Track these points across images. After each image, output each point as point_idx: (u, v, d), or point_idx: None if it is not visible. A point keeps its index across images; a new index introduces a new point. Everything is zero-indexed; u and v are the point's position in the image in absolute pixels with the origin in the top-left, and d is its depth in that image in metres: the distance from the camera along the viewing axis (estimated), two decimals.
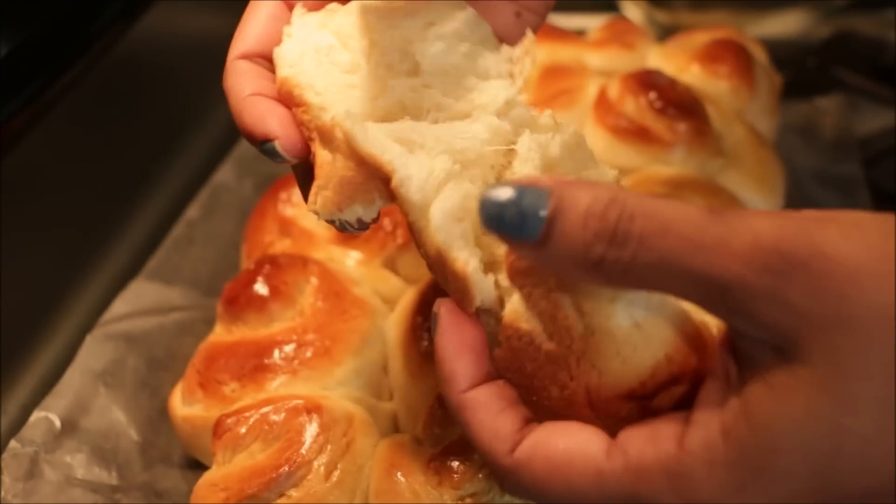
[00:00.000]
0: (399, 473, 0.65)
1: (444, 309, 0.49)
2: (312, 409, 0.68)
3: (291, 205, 0.86)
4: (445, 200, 0.49)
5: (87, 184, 0.93)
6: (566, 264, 0.42)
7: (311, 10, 0.62)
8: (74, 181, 0.91)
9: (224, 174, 1.02)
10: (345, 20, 0.60)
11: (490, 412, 0.47)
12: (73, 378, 0.77)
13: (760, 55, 1.02)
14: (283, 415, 0.68)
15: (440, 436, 0.65)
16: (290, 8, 0.61)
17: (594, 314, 0.45)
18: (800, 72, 1.10)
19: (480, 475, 0.62)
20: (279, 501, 0.65)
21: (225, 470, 0.67)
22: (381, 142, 0.52)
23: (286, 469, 0.65)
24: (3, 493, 0.68)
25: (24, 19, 0.81)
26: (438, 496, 0.62)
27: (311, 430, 0.67)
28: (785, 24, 1.22)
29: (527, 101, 0.58)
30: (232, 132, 1.10)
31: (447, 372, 0.48)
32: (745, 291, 0.39)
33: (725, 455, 0.41)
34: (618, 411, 0.46)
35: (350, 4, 0.60)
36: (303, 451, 0.66)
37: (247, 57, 0.61)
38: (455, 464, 0.63)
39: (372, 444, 0.69)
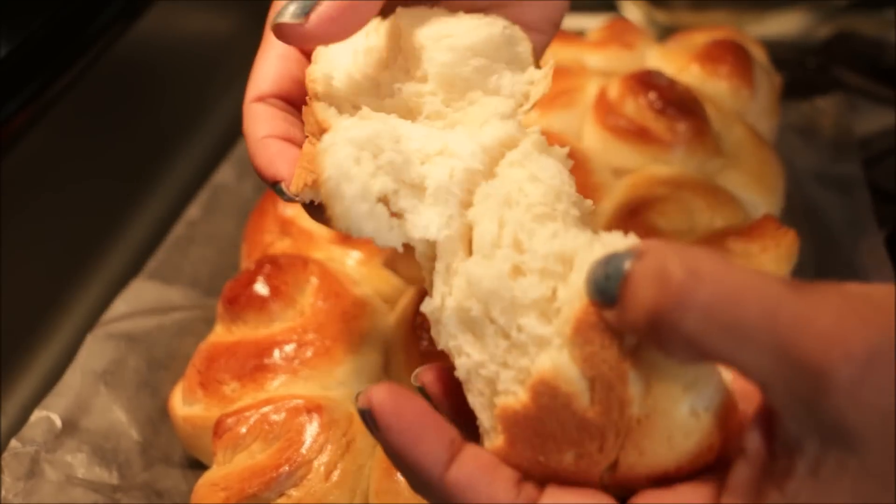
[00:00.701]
0: (399, 473, 0.65)
1: (376, 400, 0.44)
2: (313, 408, 0.68)
3: (292, 204, 0.86)
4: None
5: (87, 184, 0.93)
6: (637, 327, 0.41)
7: None
8: (74, 181, 0.91)
9: (224, 174, 1.02)
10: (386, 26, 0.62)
11: (479, 488, 0.44)
12: (74, 378, 0.77)
13: (760, 55, 1.02)
14: (283, 414, 0.68)
15: None
16: (300, 50, 0.63)
17: (660, 397, 0.43)
18: (800, 72, 1.10)
19: None
20: (279, 501, 0.65)
21: (225, 469, 0.67)
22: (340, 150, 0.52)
23: (286, 469, 0.65)
24: (3, 492, 0.68)
25: (24, 19, 0.81)
26: None
27: (311, 429, 0.67)
28: (785, 24, 1.22)
29: (526, 122, 0.58)
30: (232, 132, 1.10)
31: (413, 464, 0.44)
32: (823, 379, 0.37)
33: None
34: (636, 487, 0.44)
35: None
36: (303, 450, 0.66)
37: (262, 99, 0.63)
38: None
39: (372, 443, 0.69)
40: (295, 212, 0.85)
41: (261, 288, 0.76)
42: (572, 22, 1.14)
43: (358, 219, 0.51)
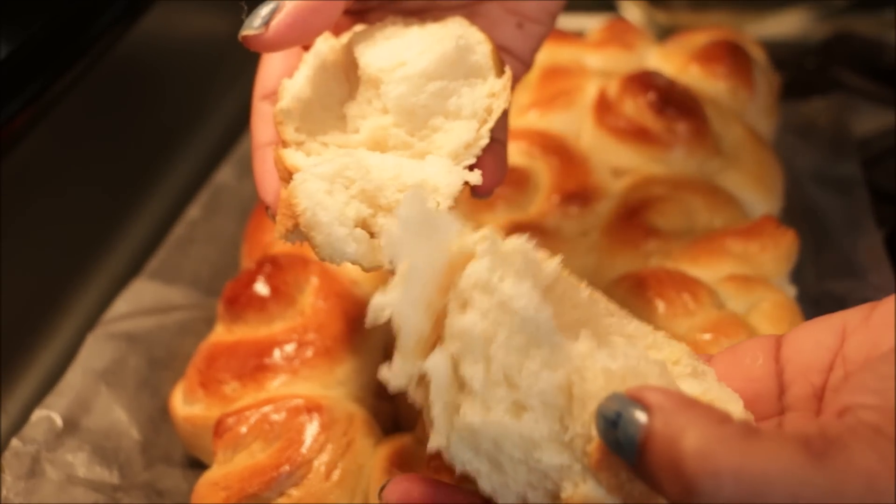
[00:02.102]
0: (399, 473, 0.65)
1: None
2: (313, 408, 0.68)
3: None
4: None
5: (87, 184, 0.93)
6: (658, 492, 0.41)
7: (335, 34, 0.66)
8: (75, 181, 0.91)
9: (224, 174, 1.02)
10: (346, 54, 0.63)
11: None
12: (75, 377, 0.77)
13: (759, 55, 1.03)
14: (283, 414, 0.68)
15: None
16: (305, 48, 0.64)
17: None
18: (799, 72, 1.10)
19: None
20: (279, 500, 0.65)
21: (225, 469, 0.67)
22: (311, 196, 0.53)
23: (287, 468, 0.65)
24: (4, 491, 0.68)
25: (24, 20, 0.81)
26: None
27: (311, 429, 0.67)
28: (785, 25, 1.23)
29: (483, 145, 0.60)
30: (232, 132, 1.11)
31: None
32: None
33: None
34: None
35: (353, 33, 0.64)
36: (303, 450, 0.66)
37: (269, 97, 0.65)
38: None
39: (372, 443, 0.69)
40: None
41: (261, 288, 0.76)
42: (572, 22, 1.14)
43: (339, 244, 0.52)
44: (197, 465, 0.75)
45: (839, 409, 0.41)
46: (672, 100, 0.89)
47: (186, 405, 0.74)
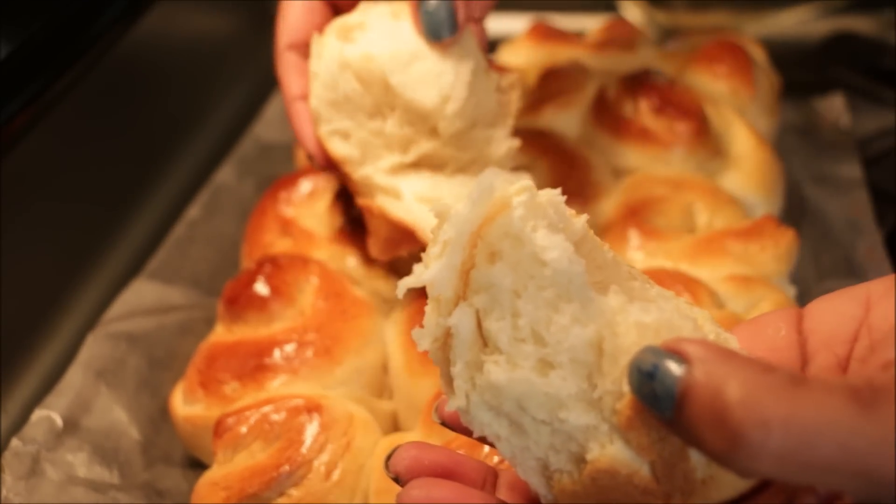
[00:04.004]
0: None
1: (412, 498, 0.45)
2: (313, 408, 0.68)
3: (292, 205, 0.86)
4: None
5: (87, 184, 0.93)
6: (700, 450, 0.40)
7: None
8: (75, 181, 0.91)
9: (224, 174, 1.02)
10: (364, 64, 0.70)
11: None
12: (75, 377, 0.77)
13: (760, 55, 1.03)
14: (283, 414, 0.68)
15: (441, 434, 0.66)
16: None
17: None
18: (800, 72, 1.10)
19: None
20: (279, 500, 0.65)
21: (225, 469, 0.67)
22: (409, 209, 0.53)
23: (287, 468, 0.65)
24: (4, 491, 0.68)
25: (24, 20, 0.81)
26: None
27: (311, 429, 0.67)
28: (785, 25, 1.23)
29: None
30: (232, 132, 1.11)
31: None
32: None
33: None
34: None
35: (365, 45, 0.71)
36: (303, 450, 0.66)
37: (295, 47, 0.74)
38: None
39: (372, 443, 0.69)
40: (295, 212, 0.86)
41: (261, 288, 0.76)
42: (572, 22, 1.14)
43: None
44: (197, 465, 0.75)
45: (883, 364, 0.41)
46: (672, 100, 0.89)
47: (186, 405, 0.74)
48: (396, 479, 0.47)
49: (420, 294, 0.76)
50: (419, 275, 0.44)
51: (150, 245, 0.94)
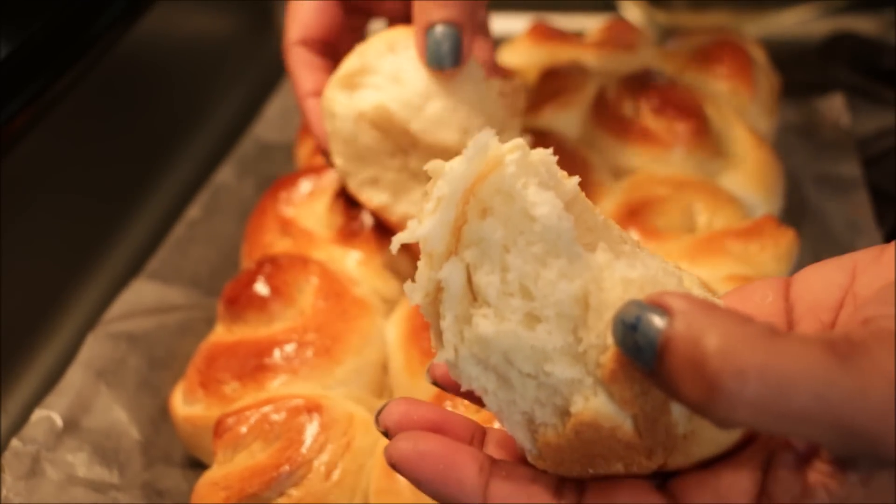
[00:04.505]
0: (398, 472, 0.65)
1: (397, 455, 0.45)
2: (313, 408, 0.68)
3: (292, 205, 0.86)
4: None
5: (87, 184, 0.93)
6: (679, 401, 0.40)
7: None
8: (75, 181, 0.91)
9: (224, 174, 1.02)
10: (378, 113, 0.73)
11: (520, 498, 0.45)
12: (75, 377, 0.77)
13: (760, 55, 1.03)
14: (283, 414, 0.68)
15: None
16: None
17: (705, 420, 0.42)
18: (800, 72, 1.10)
19: None
20: (279, 500, 0.65)
21: (225, 469, 0.67)
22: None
23: (287, 468, 0.65)
24: (4, 491, 0.68)
25: (24, 20, 0.81)
26: None
27: (311, 429, 0.67)
28: (785, 24, 1.23)
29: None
30: (232, 132, 1.11)
31: (452, 501, 0.45)
32: (880, 443, 0.38)
33: None
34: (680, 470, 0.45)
35: (373, 93, 0.73)
36: (303, 450, 0.66)
37: (306, 43, 0.75)
38: None
39: (372, 442, 0.69)
40: (295, 212, 0.86)
41: (261, 288, 0.76)
42: (572, 22, 1.14)
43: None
44: (197, 465, 0.75)
45: (862, 320, 0.41)
46: (672, 100, 0.89)
47: (186, 405, 0.74)
48: (386, 434, 0.47)
49: None
50: (413, 230, 0.44)
51: (150, 245, 0.94)
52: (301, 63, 0.76)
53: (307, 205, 0.86)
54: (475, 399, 0.46)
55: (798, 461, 0.42)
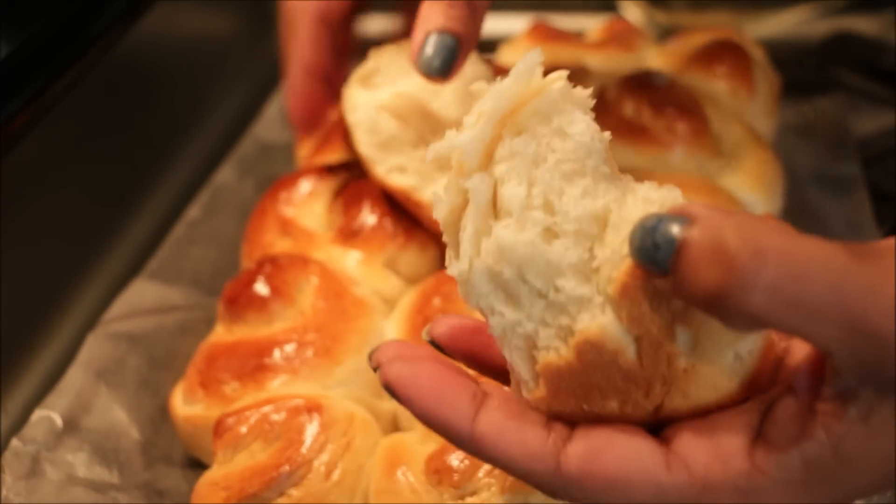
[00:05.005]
0: (399, 472, 0.65)
1: (392, 375, 0.46)
2: (313, 408, 0.68)
3: (292, 205, 0.86)
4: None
5: (87, 184, 0.93)
6: (694, 301, 0.40)
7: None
8: (75, 181, 0.91)
9: (224, 174, 1.02)
10: (397, 101, 0.75)
11: (509, 436, 0.45)
12: (75, 377, 0.77)
13: (760, 55, 1.03)
14: (283, 414, 0.68)
15: (439, 436, 0.65)
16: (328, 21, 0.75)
17: (707, 348, 0.43)
18: (799, 72, 1.10)
19: (480, 474, 0.62)
20: (279, 501, 0.65)
21: (226, 469, 0.67)
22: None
23: (287, 468, 0.65)
24: (4, 491, 0.68)
25: (24, 20, 0.81)
26: (438, 495, 0.63)
27: (311, 429, 0.67)
28: (785, 24, 1.23)
29: None
30: (232, 132, 1.11)
31: (442, 426, 0.45)
32: (885, 345, 0.38)
33: (804, 477, 0.41)
34: (675, 419, 0.45)
35: (391, 86, 0.77)
36: (303, 450, 0.66)
37: (323, 21, 0.81)
38: (455, 463, 0.63)
39: (372, 443, 0.69)
40: (295, 212, 0.85)
41: (261, 288, 0.76)
42: (572, 22, 1.14)
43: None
44: (197, 465, 0.75)
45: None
46: (672, 100, 0.89)
47: (186, 405, 0.74)
48: (376, 370, 0.48)
49: (420, 292, 0.76)
50: (451, 139, 0.46)
51: (150, 245, 0.94)
52: (314, 38, 0.80)
53: (307, 205, 0.86)
54: (474, 361, 0.47)
55: (798, 405, 0.42)
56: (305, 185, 0.87)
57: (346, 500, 0.66)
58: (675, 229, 0.40)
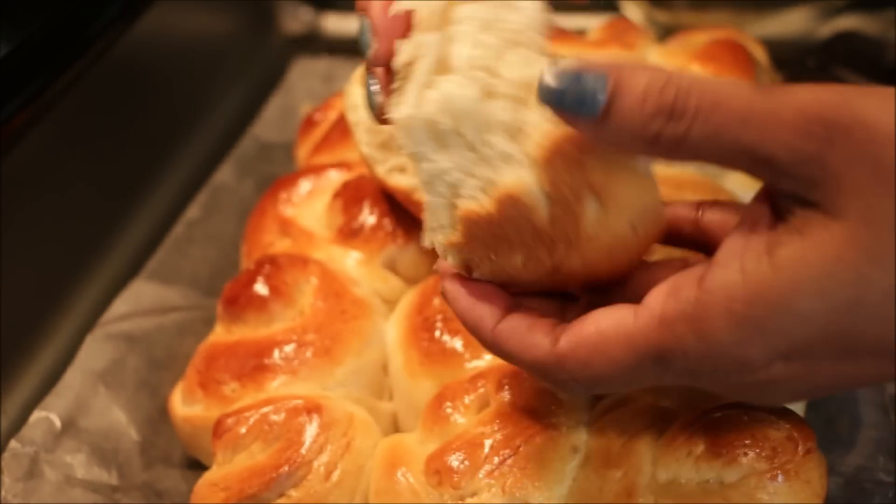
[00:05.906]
0: (399, 473, 0.65)
1: (447, 283, 0.53)
2: (312, 409, 0.68)
3: (291, 205, 0.86)
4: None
5: (87, 184, 0.93)
6: (624, 140, 0.45)
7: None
8: (74, 181, 0.91)
9: (224, 174, 1.02)
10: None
11: (521, 332, 0.50)
12: (74, 378, 0.77)
13: (760, 55, 1.02)
14: (283, 415, 0.68)
15: (440, 435, 0.65)
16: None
17: (610, 220, 0.48)
18: (800, 72, 1.10)
19: (480, 475, 0.62)
20: (279, 501, 0.65)
21: (225, 470, 0.67)
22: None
23: (286, 469, 0.65)
24: (3, 492, 0.68)
25: (24, 19, 0.81)
26: (438, 496, 0.62)
27: (311, 430, 0.67)
28: (785, 24, 1.22)
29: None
30: (232, 132, 1.10)
31: (474, 321, 0.52)
32: (792, 157, 0.42)
33: (744, 293, 0.43)
34: (571, 288, 0.52)
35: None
36: (303, 451, 0.66)
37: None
38: (455, 463, 0.63)
39: (372, 443, 0.69)
40: (295, 212, 0.85)
41: (261, 288, 0.76)
42: (572, 22, 1.14)
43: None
44: (196, 466, 0.75)
45: None
46: None
47: (185, 406, 0.74)
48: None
49: (420, 292, 0.76)
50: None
51: (150, 245, 0.94)
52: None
53: (307, 205, 0.86)
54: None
55: (739, 234, 0.46)
56: (305, 185, 0.87)
57: (346, 501, 0.66)
58: (599, 87, 0.44)
